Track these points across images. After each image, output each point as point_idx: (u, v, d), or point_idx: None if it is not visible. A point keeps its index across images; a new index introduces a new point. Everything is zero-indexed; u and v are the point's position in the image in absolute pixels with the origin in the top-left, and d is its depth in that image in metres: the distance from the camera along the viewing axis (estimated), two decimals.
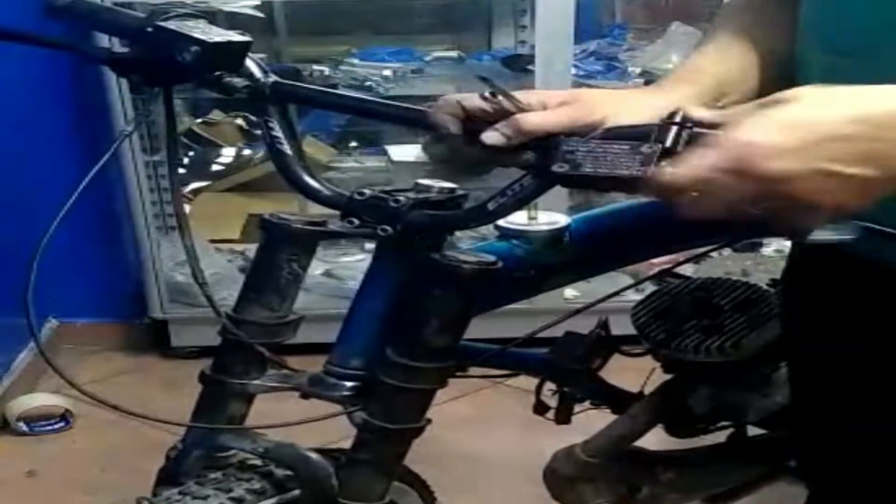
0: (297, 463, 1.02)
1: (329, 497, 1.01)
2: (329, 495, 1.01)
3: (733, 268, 2.60)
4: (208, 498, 0.98)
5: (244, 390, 1.05)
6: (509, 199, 0.88)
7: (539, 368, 1.31)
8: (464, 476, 2.14)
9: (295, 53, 3.08)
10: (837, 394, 0.90)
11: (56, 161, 2.52)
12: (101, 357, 2.83)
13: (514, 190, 0.87)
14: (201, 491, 0.99)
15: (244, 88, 0.97)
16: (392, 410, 0.99)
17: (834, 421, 0.91)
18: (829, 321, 0.90)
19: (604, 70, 2.78)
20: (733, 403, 1.32)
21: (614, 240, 1.14)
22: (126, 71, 1.01)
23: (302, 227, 1.01)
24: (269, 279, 1.02)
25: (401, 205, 0.94)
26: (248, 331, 1.02)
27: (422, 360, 0.97)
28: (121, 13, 1.04)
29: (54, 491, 2.17)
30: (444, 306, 0.96)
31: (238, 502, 0.99)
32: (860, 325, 0.87)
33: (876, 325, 0.85)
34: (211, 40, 0.93)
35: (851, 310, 0.86)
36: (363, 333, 1.01)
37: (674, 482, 1.40)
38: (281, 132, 1.01)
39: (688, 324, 1.25)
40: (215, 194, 3.18)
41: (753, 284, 1.29)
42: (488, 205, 0.89)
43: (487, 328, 1.32)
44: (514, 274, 1.07)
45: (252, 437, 1.03)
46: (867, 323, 0.86)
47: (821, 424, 0.93)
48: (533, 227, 1.09)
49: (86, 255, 2.77)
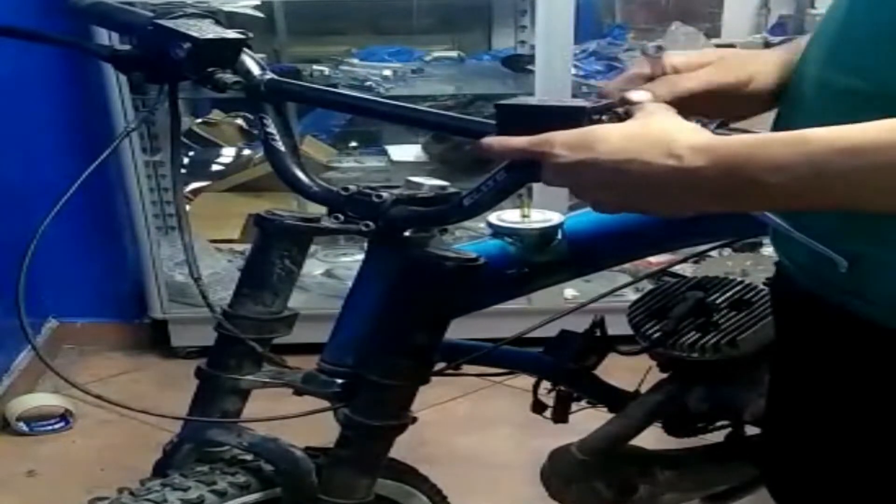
0: (278, 457, 1.03)
1: (309, 493, 1.01)
2: (309, 491, 1.01)
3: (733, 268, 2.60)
4: (189, 489, 0.99)
5: (237, 385, 1.05)
6: (484, 194, 0.88)
7: (534, 367, 1.31)
8: (463, 476, 2.13)
9: (295, 53, 3.08)
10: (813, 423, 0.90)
11: (56, 161, 2.53)
12: (101, 357, 2.83)
13: (489, 185, 0.87)
14: (183, 482, 0.99)
15: (234, 84, 0.98)
16: (373, 407, 1.00)
17: (807, 445, 0.91)
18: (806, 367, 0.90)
19: (604, 70, 2.77)
20: (729, 402, 1.31)
21: (608, 238, 1.14)
22: (129, 68, 1.03)
23: (293, 223, 1.01)
24: (262, 275, 1.03)
25: (382, 200, 0.95)
26: (241, 326, 1.03)
27: (403, 356, 0.98)
28: (134, 13, 1.05)
29: (54, 491, 2.17)
30: (425, 302, 0.97)
31: (220, 495, 1.00)
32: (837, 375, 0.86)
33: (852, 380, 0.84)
34: (203, 37, 0.94)
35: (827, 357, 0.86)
36: (354, 330, 1.02)
37: (671, 482, 1.40)
38: (276, 129, 1.02)
39: (683, 322, 1.25)
40: (215, 194, 3.18)
41: (749, 283, 1.28)
42: (464, 201, 0.90)
43: (487, 328, 1.32)
44: (506, 272, 1.07)
45: (238, 431, 1.04)
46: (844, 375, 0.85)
47: (793, 447, 0.93)
48: (525, 225, 1.09)
49: (86, 256, 2.78)
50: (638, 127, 0.76)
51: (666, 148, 0.73)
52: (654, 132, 0.75)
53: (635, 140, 0.74)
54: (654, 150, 0.73)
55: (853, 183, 0.68)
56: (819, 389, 0.86)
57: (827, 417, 0.86)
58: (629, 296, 1.45)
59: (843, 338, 0.82)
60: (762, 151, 0.70)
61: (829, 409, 0.86)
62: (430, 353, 0.99)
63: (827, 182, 0.69)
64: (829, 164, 0.68)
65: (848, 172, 0.67)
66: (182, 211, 1.11)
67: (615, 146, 0.74)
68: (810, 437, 0.89)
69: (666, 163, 0.72)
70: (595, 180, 0.76)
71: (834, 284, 0.79)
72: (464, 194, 0.90)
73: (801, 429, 0.90)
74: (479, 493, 2.11)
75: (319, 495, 1.01)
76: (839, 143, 0.68)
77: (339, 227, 0.98)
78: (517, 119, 0.83)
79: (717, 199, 0.73)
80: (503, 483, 2.15)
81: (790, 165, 0.69)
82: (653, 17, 3.09)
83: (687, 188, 0.73)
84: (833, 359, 0.84)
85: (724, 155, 0.71)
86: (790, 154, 0.69)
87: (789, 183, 0.69)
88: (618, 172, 0.74)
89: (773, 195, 0.71)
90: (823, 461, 0.88)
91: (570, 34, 2.46)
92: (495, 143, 0.82)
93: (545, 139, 0.78)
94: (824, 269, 0.78)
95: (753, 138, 0.73)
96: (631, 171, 0.74)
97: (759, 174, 0.70)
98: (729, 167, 0.71)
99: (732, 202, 0.73)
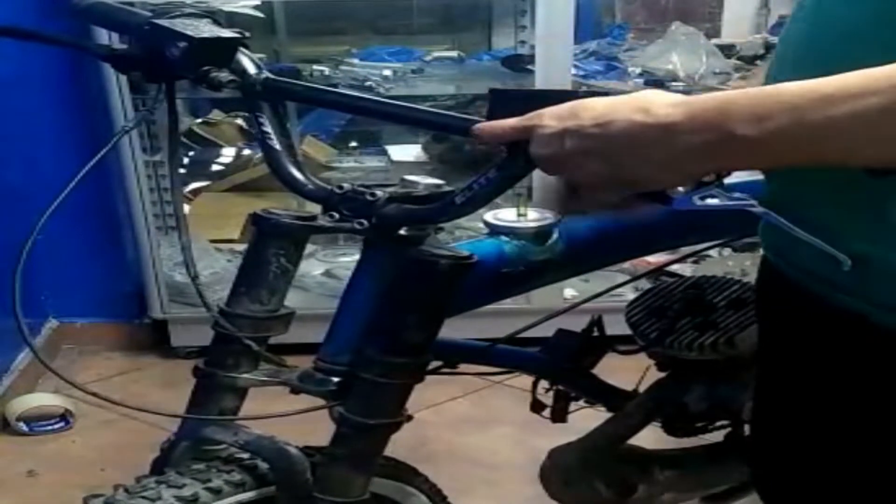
0: (273, 455, 1.03)
1: (304, 491, 1.01)
2: (304, 489, 1.01)
3: (733, 267, 2.61)
4: (184, 486, 0.99)
5: (234, 384, 1.05)
6: (476, 192, 0.88)
7: (533, 367, 1.31)
8: (463, 476, 2.14)
9: (295, 53, 3.08)
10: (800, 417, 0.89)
11: (56, 161, 2.52)
12: (101, 357, 2.84)
13: (480, 183, 0.87)
14: (179, 480, 0.99)
15: (229, 83, 0.98)
16: (368, 405, 1.00)
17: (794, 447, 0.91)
18: (789, 357, 0.89)
19: (604, 70, 2.78)
20: (728, 401, 1.31)
21: (605, 237, 1.14)
22: (126, 68, 1.03)
23: (289, 222, 1.01)
24: (258, 273, 1.03)
25: (376, 199, 0.95)
26: (238, 324, 1.02)
27: (397, 355, 0.98)
28: (133, 13, 1.05)
29: (54, 491, 2.17)
30: (419, 301, 0.97)
31: (215, 493, 1.00)
32: (818, 365, 0.85)
33: (832, 371, 0.84)
34: (198, 36, 0.94)
35: (820, 357, 0.85)
36: (350, 329, 1.02)
37: (670, 481, 1.40)
38: (271, 128, 1.02)
39: (681, 321, 1.25)
40: (215, 194, 3.18)
41: (747, 282, 1.28)
42: (456, 199, 0.90)
43: (485, 327, 1.32)
44: (502, 270, 1.06)
45: (234, 430, 1.04)
46: (824, 365, 0.85)
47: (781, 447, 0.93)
48: (521, 223, 1.09)
49: (86, 256, 2.78)
50: (623, 97, 0.78)
51: (645, 107, 0.74)
52: (636, 98, 0.76)
53: (617, 105, 0.76)
54: (633, 110, 0.74)
55: (837, 132, 0.67)
56: (810, 389, 0.86)
57: (818, 417, 0.86)
58: (627, 295, 1.45)
59: (840, 338, 0.81)
60: (738, 104, 0.70)
61: (820, 409, 0.85)
62: (424, 352, 0.99)
63: (809, 132, 0.68)
64: (809, 111, 0.67)
65: (829, 120, 0.67)
66: (180, 211, 1.11)
67: (598, 110, 0.76)
68: (798, 436, 0.88)
69: (644, 120, 0.73)
70: (579, 147, 0.77)
71: (835, 284, 0.79)
72: (456, 192, 0.90)
73: (788, 428, 0.90)
74: (479, 492, 2.11)
75: (315, 493, 1.01)
76: (818, 90, 0.67)
77: (333, 225, 0.98)
78: (510, 103, 0.84)
79: (698, 156, 0.73)
80: (503, 483, 2.15)
81: (769, 115, 0.68)
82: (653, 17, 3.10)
83: (667, 144, 0.73)
84: (828, 359, 0.83)
85: (700, 108, 0.72)
86: (768, 104, 0.69)
87: (770, 136, 0.69)
88: (600, 137, 0.75)
89: (756, 150, 0.70)
90: (812, 462, 0.87)
91: (570, 34, 2.46)
92: (486, 127, 0.84)
93: (536, 114, 0.80)
94: (825, 269, 0.78)
95: (729, 93, 0.72)
96: (611, 132, 0.75)
97: (738, 126, 0.69)
98: (706, 121, 0.71)
99: (716, 158, 0.73)
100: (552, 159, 0.80)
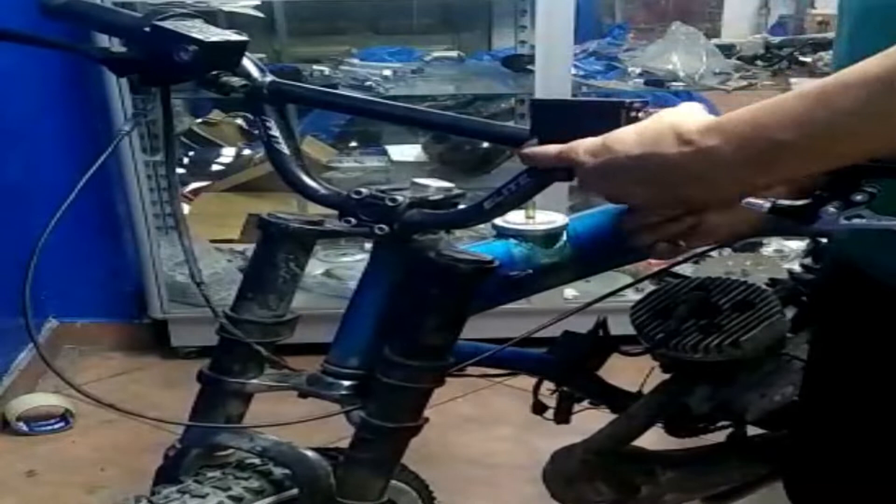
0: (295, 462, 1.02)
1: (327, 496, 1.00)
2: (327, 494, 1.00)
3: (734, 268, 2.62)
4: (207, 496, 0.98)
5: (242, 389, 1.05)
6: (505, 197, 0.88)
7: (537, 368, 1.31)
8: (464, 476, 2.14)
9: (295, 53, 3.08)
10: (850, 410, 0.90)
11: (56, 161, 2.53)
12: (101, 357, 2.84)
13: (511, 189, 0.87)
14: (200, 489, 0.99)
15: (241, 87, 0.97)
16: (389, 409, 0.99)
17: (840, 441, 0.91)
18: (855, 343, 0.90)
19: (604, 70, 2.78)
20: (732, 403, 1.31)
21: (612, 239, 1.13)
22: (124, 71, 1.01)
23: (299, 227, 1.01)
24: (266, 278, 1.02)
25: (398, 204, 0.94)
26: (245, 330, 1.02)
27: (419, 359, 0.97)
28: (118, 13, 1.03)
29: (54, 491, 2.16)
30: (441, 305, 0.96)
31: (237, 501, 0.99)
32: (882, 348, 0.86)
33: None
34: (208, 39, 0.93)
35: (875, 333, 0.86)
36: (360, 332, 1.01)
37: (673, 482, 1.40)
38: (278, 131, 1.01)
39: (686, 323, 1.24)
40: (215, 194, 3.18)
41: (752, 284, 1.28)
42: (485, 203, 0.90)
43: (487, 328, 1.32)
44: (511, 273, 1.06)
45: (250, 436, 1.03)
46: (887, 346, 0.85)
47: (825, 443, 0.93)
48: (530, 226, 1.09)
49: (86, 256, 2.77)
50: (648, 122, 0.78)
51: (676, 136, 0.74)
52: (662, 125, 0.76)
53: (646, 135, 0.76)
54: (666, 141, 0.74)
55: (872, 114, 0.66)
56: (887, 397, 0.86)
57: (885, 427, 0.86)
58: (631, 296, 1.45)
59: None
60: (769, 113, 0.70)
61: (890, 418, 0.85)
62: (445, 355, 0.99)
63: (846, 121, 0.67)
64: (841, 99, 0.67)
65: (863, 103, 0.66)
66: (180, 215, 1.09)
67: (630, 144, 0.76)
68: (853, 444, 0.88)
69: (681, 150, 0.73)
70: (626, 179, 0.78)
71: None
72: (485, 197, 0.90)
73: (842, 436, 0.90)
74: (479, 493, 2.11)
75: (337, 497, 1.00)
76: (844, 77, 0.67)
77: (350, 230, 0.96)
78: (550, 114, 0.85)
79: (744, 169, 0.72)
80: (503, 483, 2.15)
81: (803, 115, 0.68)
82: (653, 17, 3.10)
83: (710, 168, 0.73)
84: None
85: (733, 128, 0.72)
86: (799, 106, 0.69)
87: (809, 135, 0.68)
88: (641, 169, 0.76)
89: (799, 152, 0.70)
90: (864, 469, 0.87)
91: (570, 34, 2.46)
92: (530, 153, 0.85)
93: (570, 147, 0.81)
94: None
95: (756, 106, 0.72)
96: (651, 166, 0.75)
97: (774, 134, 0.69)
98: (741, 138, 0.71)
99: (762, 168, 0.72)
100: (598, 189, 0.81)
